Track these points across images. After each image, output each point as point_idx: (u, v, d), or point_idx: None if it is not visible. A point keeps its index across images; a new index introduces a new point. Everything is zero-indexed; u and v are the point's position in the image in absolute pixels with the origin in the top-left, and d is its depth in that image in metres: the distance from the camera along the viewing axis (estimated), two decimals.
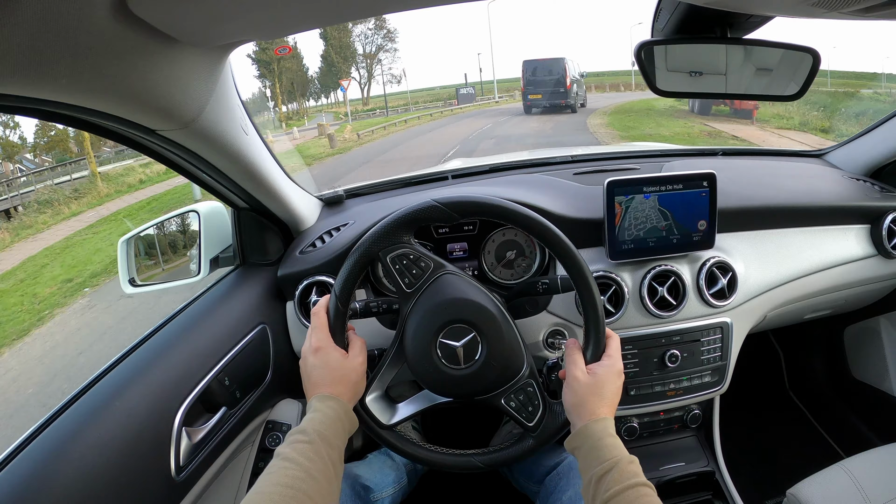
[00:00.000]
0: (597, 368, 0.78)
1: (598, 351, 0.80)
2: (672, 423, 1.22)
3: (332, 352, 0.78)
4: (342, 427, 0.73)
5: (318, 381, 0.76)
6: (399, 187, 1.36)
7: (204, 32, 0.59)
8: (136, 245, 1.09)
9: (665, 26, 0.89)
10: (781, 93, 0.96)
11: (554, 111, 18.16)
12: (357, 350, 0.80)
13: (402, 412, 0.86)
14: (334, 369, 0.76)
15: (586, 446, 0.71)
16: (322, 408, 0.72)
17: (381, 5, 0.59)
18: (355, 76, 45.67)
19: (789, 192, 1.23)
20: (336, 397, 0.74)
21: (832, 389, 1.68)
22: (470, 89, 31.01)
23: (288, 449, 0.65)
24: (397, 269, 0.81)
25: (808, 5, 0.60)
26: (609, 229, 1.03)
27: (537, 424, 0.82)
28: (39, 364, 4.84)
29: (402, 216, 0.81)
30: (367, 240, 0.81)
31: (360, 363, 0.79)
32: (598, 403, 0.75)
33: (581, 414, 0.75)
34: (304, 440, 0.67)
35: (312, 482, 0.62)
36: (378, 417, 0.84)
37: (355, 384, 0.78)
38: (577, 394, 0.76)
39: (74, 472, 0.65)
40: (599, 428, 0.72)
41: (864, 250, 1.24)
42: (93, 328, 5.45)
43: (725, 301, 1.09)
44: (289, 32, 0.66)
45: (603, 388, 0.76)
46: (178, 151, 0.79)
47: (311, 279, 1.04)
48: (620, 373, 0.79)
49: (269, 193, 1.00)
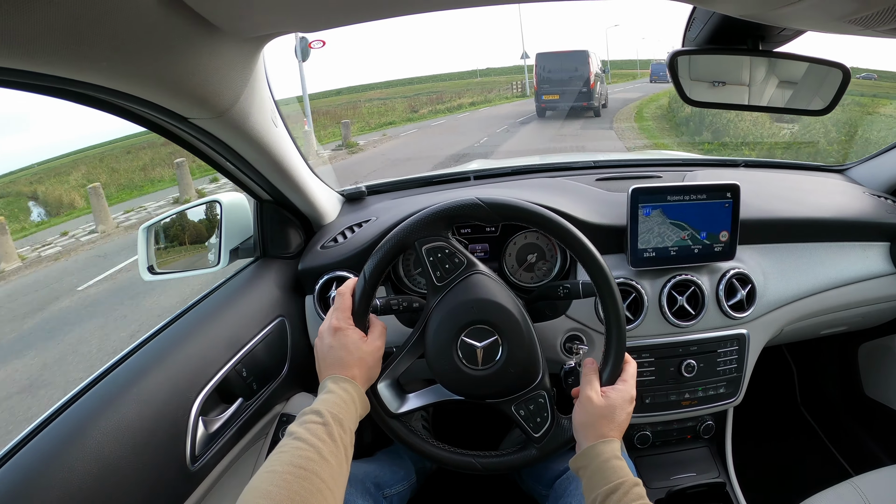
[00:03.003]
0: (611, 392, 0.77)
1: (615, 374, 0.80)
2: (685, 433, 1.21)
3: (351, 333, 0.76)
4: (355, 410, 0.71)
5: (334, 363, 0.74)
6: (420, 186, 1.37)
7: (246, 21, 0.59)
8: (156, 233, 1.10)
9: (697, 36, 0.89)
10: (807, 107, 0.96)
11: (573, 114, 14.31)
12: (377, 334, 0.79)
13: (411, 403, 0.86)
14: (351, 351, 0.74)
15: (592, 466, 0.71)
16: (336, 389, 0.71)
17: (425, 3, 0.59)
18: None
19: (811, 207, 1.22)
20: (350, 380, 0.73)
21: (844, 406, 1.67)
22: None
23: (301, 429, 0.64)
24: (431, 262, 0.80)
25: (844, 22, 0.60)
26: (631, 236, 1.03)
27: (543, 436, 0.82)
28: None
29: (445, 209, 0.80)
30: (405, 227, 0.80)
31: (377, 347, 0.78)
32: (607, 427, 0.74)
33: (588, 435, 0.74)
34: (318, 421, 0.65)
35: (325, 464, 0.60)
36: (387, 405, 0.83)
37: (370, 368, 0.77)
38: (589, 414, 0.76)
39: (90, 459, 0.65)
40: (607, 449, 0.71)
41: (883, 268, 1.23)
42: None
43: (744, 313, 1.09)
44: (326, 27, 0.66)
45: (614, 413, 0.75)
46: (208, 140, 0.80)
47: (332, 274, 1.05)
48: (633, 399, 0.78)
49: (293, 186, 1.01)
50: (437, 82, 33.98)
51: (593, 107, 14.25)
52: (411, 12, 0.64)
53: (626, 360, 0.81)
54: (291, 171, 0.97)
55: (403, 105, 23.81)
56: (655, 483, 1.18)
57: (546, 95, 14.57)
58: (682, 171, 1.35)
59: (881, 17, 0.55)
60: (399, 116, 20.26)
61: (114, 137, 21.04)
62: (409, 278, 1.12)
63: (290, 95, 10.55)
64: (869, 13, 0.55)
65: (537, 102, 14.93)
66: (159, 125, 0.74)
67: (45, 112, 41.40)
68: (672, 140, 11.27)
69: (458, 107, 22.26)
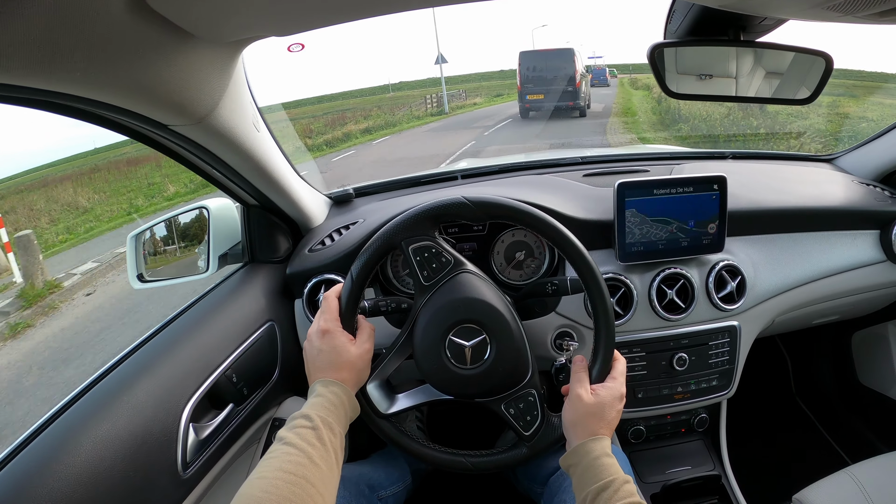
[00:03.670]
0: (600, 390, 0.77)
1: (604, 371, 0.80)
2: (679, 426, 1.21)
3: (339, 336, 0.76)
4: (345, 413, 0.72)
5: (323, 366, 0.74)
6: (408, 186, 1.37)
7: (219, 27, 0.59)
8: (145, 241, 1.09)
9: (678, 28, 0.89)
10: (793, 97, 0.96)
11: (557, 115, 13.73)
12: (365, 336, 0.79)
13: (400, 403, 0.86)
14: (340, 354, 0.75)
15: (583, 464, 0.71)
16: (326, 393, 0.71)
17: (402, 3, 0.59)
18: None
19: (799, 197, 1.22)
20: (340, 383, 0.73)
21: (839, 395, 1.67)
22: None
23: (291, 434, 0.64)
24: (418, 262, 0.81)
25: (823, 9, 0.60)
26: (619, 231, 1.02)
27: (533, 434, 0.82)
28: None
29: (431, 208, 0.80)
30: (391, 227, 0.80)
31: (367, 350, 0.78)
32: (597, 424, 0.74)
33: (579, 433, 0.74)
34: (308, 425, 0.65)
35: (315, 468, 0.61)
36: (377, 406, 0.83)
37: (360, 371, 0.77)
38: (578, 412, 0.76)
39: (82, 465, 0.65)
40: (597, 447, 0.71)
41: (873, 256, 1.23)
42: None
43: (734, 305, 1.09)
44: (303, 29, 0.66)
45: (604, 411, 0.75)
46: (189, 147, 0.79)
47: (321, 277, 1.04)
48: (622, 397, 0.78)
49: (279, 191, 1.00)
50: (347, 99, 29.07)
51: (579, 106, 13.79)
52: (387, 12, 0.64)
53: (616, 358, 0.81)
54: (277, 176, 0.96)
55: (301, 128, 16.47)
56: (650, 477, 1.18)
57: (530, 95, 14.01)
58: (670, 164, 1.35)
59: (859, 4, 0.55)
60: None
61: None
62: (397, 279, 1.12)
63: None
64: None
65: (521, 102, 14.34)
66: (140, 133, 0.74)
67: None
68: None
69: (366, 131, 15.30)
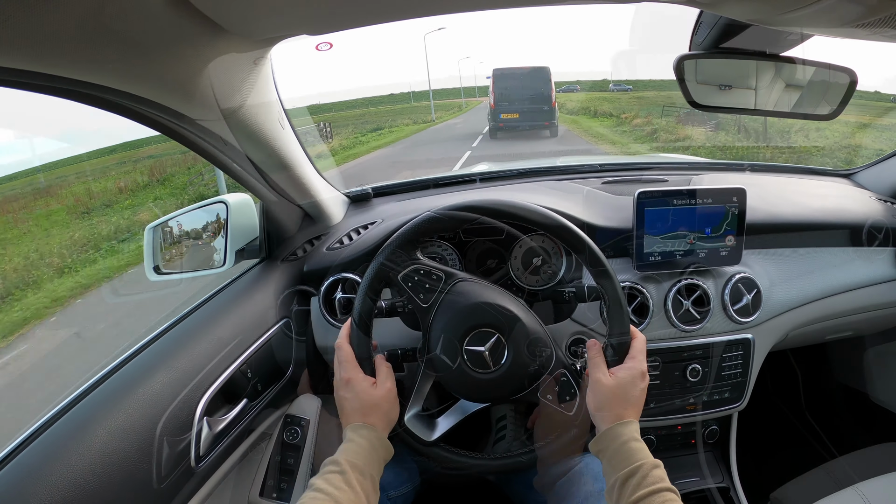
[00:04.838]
0: (619, 371, 0.76)
1: (621, 352, 0.78)
2: (689, 437, 1.21)
3: (361, 382, 0.79)
4: (377, 456, 0.74)
5: (352, 412, 0.78)
6: (427, 188, 1.37)
7: (254, 23, 0.60)
8: (162, 233, 1.10)
9: (704, 40, 0.89)
10: (813, 111, 0.95)
11: (525, 136, 13.30)
12: (384, 376, 0.81)
13: (442, 426, 0.86)
14: (364, 400, 0.78)
15: (611, 449, 0.71)
16: (355, 437, 0.74)
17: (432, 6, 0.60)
18: None
19: (817, 211, 1.22)
20: (369, 426, 0.76)
21: (850, 412, 1.65)
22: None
23: (319, 480, 0.67)
24: (410, 287, 0.82)
25: (851, 26, 0.60)
26: (637, 240, 1.02)
27: (577, 413, 0.81)
28: None
29: (402, 235, 0.82)
30: (373, 268, 0.81)
31: (388, 389, 0.80)
32: (622, 407, 0.74)
33: (605, 417, 0.74)
34: (336, 470, 0.68)
35: None
36: (421, 436, 0.84)
37: (387, 412, 0.79)
38: (600, 397, 0.75)
39: (96, 455, 0.65)
40: (625, 431, 0.71)
41: (890, 273, 1.22)
42: None
43: (749, 318, 1.08)
44: (335, 29, 0.66)
45: (626, 392, 0.75)
46: (213, 141, 0.80)
47: (338, 275, 1.05)
48: (644, 374, 0.77)
49: (299, 188, 1.01)
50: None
51: (554, 125, 13.39)
52: (417, 15, 0.64)
53: (634, 335, 0.80)
54: (298, 173, 0.97)
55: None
56: None
57: (504, 114, 13.30)
58: (688, 174, 1.34)
59: (889, 22, 0.55)
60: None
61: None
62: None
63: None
64: (877, 17, 0.54)
65: (493, 122, 13.68)
66: (165, 125, 0.75)
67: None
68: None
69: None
